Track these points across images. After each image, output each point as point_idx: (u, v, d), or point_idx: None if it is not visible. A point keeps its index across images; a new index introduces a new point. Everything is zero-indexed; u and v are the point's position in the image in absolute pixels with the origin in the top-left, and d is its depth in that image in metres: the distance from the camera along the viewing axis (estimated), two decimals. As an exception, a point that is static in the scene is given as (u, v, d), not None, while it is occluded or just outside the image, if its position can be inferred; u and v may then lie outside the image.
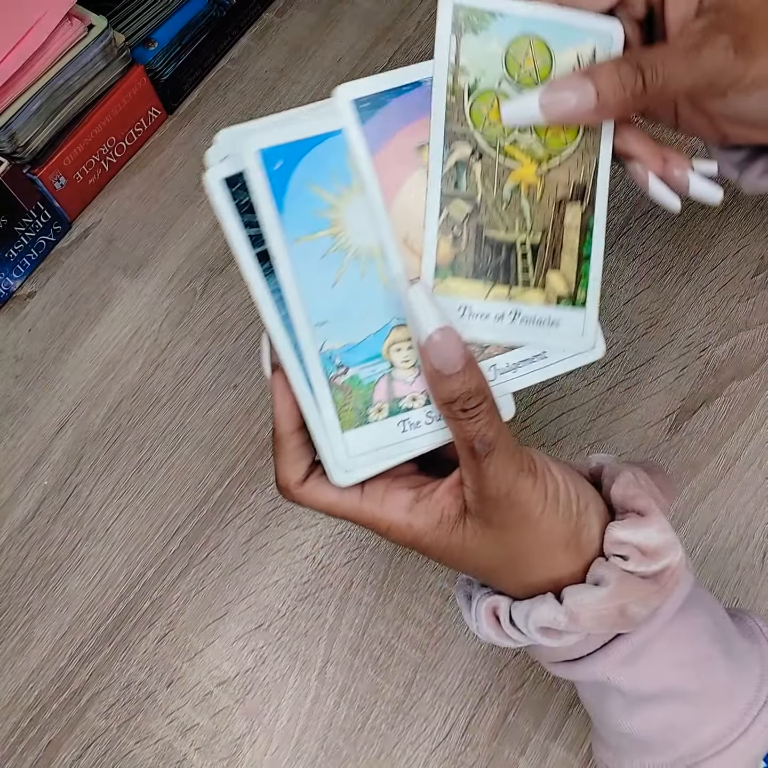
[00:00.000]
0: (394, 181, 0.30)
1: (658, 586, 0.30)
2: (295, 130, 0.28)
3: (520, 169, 0.31)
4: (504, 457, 0.28)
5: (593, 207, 0.32)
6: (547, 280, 0.32)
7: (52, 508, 0.54)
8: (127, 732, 0.48)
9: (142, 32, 0.64)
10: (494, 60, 0.30)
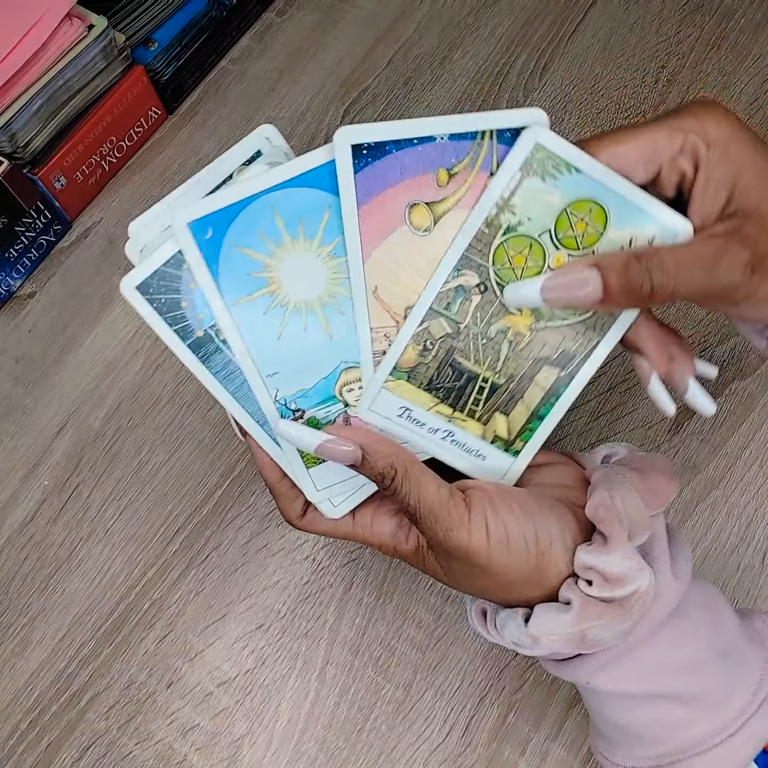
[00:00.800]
0: (376, 233, 0.30)
1: (623, 611, 0.30)
2: (221, 197, 0.29)
3: (516, 317, 0.31)
4: (430, 521, 0.30)
5: (570, 379, 0.32)
6: (493, 418, 0.32)
7: (52, 509, 0.53)
8: (127, 733, 0.47)
9: (142, 32, 0.64)
10: (548, 211, 0.29)
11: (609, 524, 0.30)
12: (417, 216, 0.29)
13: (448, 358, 0.31)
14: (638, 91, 0.63)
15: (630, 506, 0.31)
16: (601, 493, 0.31)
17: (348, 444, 0.30)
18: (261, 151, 0.31)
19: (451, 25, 0.68)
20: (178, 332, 0.30)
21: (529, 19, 0.68)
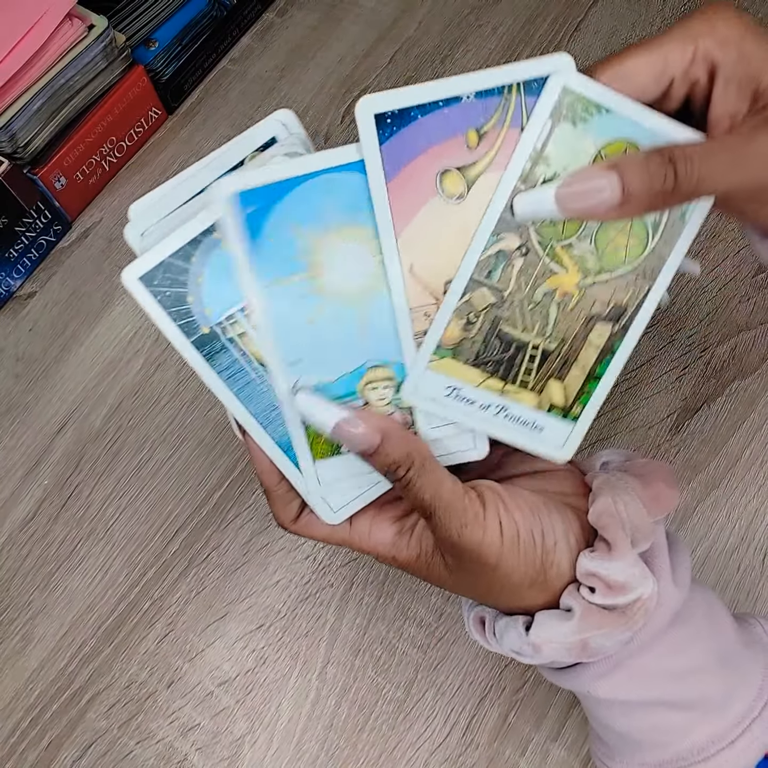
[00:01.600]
0: (408, 208, 0.28)
1: (625, 619, 0.29)
2: (273, 171, 0.27)
3: (563, 276, 0.29)
4: (446, 516, 0.29)
5: (625, 332, 0.30)
6: (547, 386, 0.31)
7: (52, 507, 0.54)
8: (128, 732, 0.48)
9: (142, 32, 0.64)
10: (582, 157, 0.28)
11: (612, 531, 0.30)
12: (449, 183, 0.28)
13: (494, 329, 0.30)
14: (639, 90, 0.63)
15: (633, 513, 0.30)
16: (604, 499, 0.31)
17: (367, 428, 0.28)
18: (276, 138, 0.30)
19: (453, 24, 0.68)
20: (183, 328, 0.29)
21: (530, 17, 0.68)
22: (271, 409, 0.31)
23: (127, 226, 0.29)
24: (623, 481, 0.32)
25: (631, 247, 0.29)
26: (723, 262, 0.56)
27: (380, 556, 0.33)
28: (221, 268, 0.29)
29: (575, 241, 0.29)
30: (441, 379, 0.30)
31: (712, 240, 0.57)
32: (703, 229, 0.57)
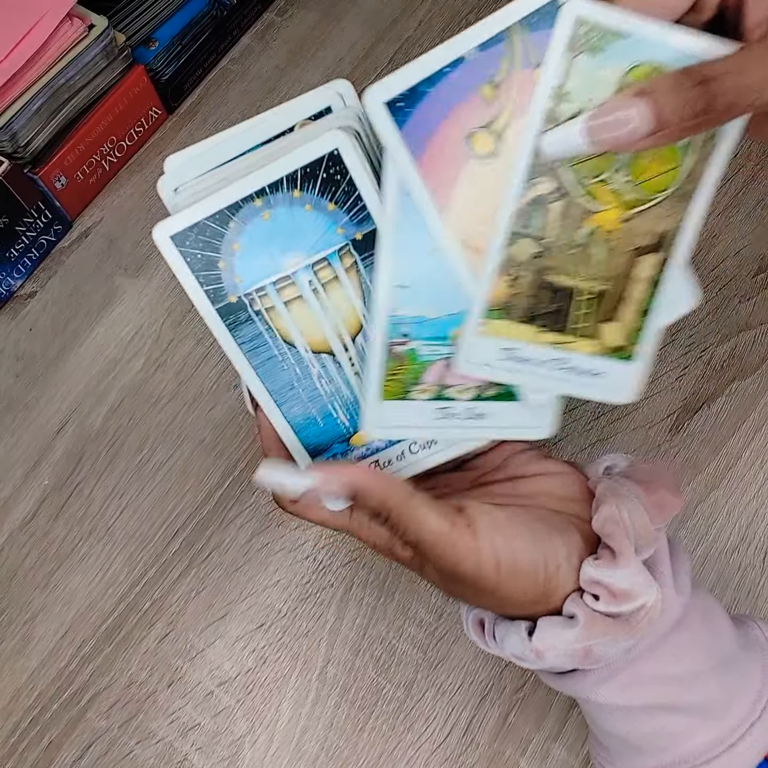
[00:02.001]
0: (446, 180, 0.27)
1: (629, 627, 0.29)
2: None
3: (603, 213, 0.28)
4: (434, 554, 0.29)
5: (669, 260, 0.29)
6: (601, 330, 0.30)
7: (52, 507, 0.53)
8: (128, 732, 0.47)
9: (142, 32, 0.64)
10: (605, 88, 0.26)
11: (617, 539, 0.30)
12: (478, 143, 0.27)
13: (541, 280, 0.29)
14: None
15: (637, 520, 0.30)
16: (608, 506, 0.30)
17: (336, 484, 0.28)
18: (332, 107, 0.29)
19: (453, 23, 0.68)
20: (209, 294, 0.28)
21: (530, 18, 0.68)
22: (288, 389, 0.30)
23: (161, 179, 0.28)
24: (626, 487, 0.32)
25: (667, 173, 0.28)
26: (723, 262, 0.56)
27: (377, 547, 0.32)
28: (259, 237, 0.27)
29: (609, 175, 0.28)
30: (493, 343, 0.29)
31: (712, 240, 0.57)
32: (703, 229, 0.57)
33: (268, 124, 0.29)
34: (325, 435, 0.32)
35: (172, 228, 0.27)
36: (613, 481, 0.33)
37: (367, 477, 0.28)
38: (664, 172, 0.28)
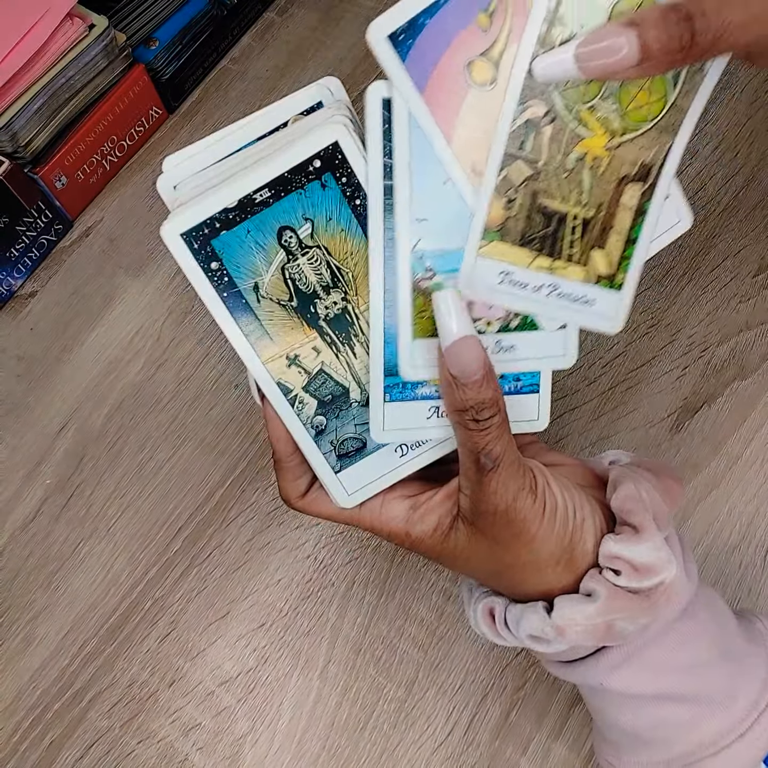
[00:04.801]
0: (450, 110, 0.27)
1: (649, 603, 0.29)
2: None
3: (591, 139, 0.29)
4: (507, 474, 0.28)
5: (653, 190, 0.30)
6: (591, 257, 0.31)
7: (54, 507, 0.54)
8: (129, 732, 0.48)
9: (143, 31, 0.64)
10: (597, 13, 0.27)
11: (639, 514, 0.30)
12: (477, 72, 0.28)
13: (535, 203, 0.29)
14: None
15: (654, 499, 0.31)
16: (627, 485, 0.31)
17: (467, 333, 0.28)
18: (322, 102, 0.30)
19: (452, 24, 0.68)
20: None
21: (530, 17, 0.68)
22: None
23: (160, 178, 0.29)
24: (638, 473, 0.32)
25: (653, 103, 0.29)
26: (723, 262, 0.56)
27: (392, 533, 0.32)
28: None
29: (598, 102, 0.28)
30: (493, 265, 0.29)
31: (712, 240, 0.57)
32: (703, 229, 0.57)
33: (262, 121, 0.29)
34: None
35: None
36: (624, 467, 0.33)
37: (492, 368, 0.29)
38: (650, 102, 0.29)
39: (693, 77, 0.29)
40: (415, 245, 0.29)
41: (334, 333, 0.30)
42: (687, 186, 0.59)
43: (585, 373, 0.53)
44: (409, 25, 0.26)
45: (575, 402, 0.52)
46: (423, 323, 0.30)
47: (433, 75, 0.27)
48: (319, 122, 0.28)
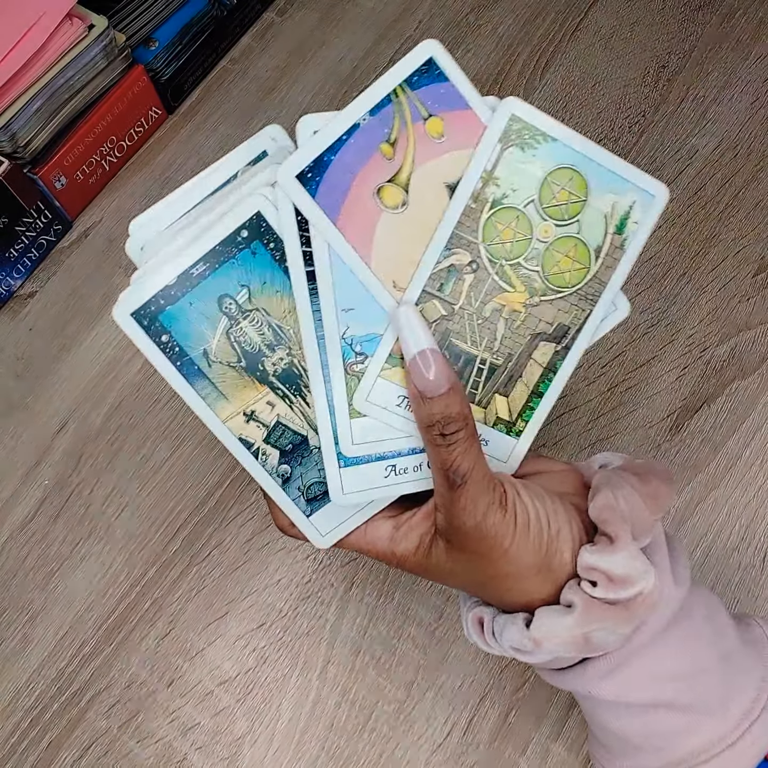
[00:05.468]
0: (365, 234, 0.29)
1: (628, 613, 0.29)
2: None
3: (511, 294, 0.31)
4: (476, 490, 0.29)
5: (567, 351, 0.32)
6: (493, 400, 0.32)
7: (53, 507, 0.53)
8: (128, 732, 0.47)
9: (142, 32, 0.64)
10: (530, 181, 0.30)
11: (614, 524, 0.30)
12: (387, 197, 0.29)
13: (445, 341, 0.31)
14: (639, 91, 0.63)
15: (633, 507, 0.30)
16: (604, 493, 0.31)
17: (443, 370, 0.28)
18: (267, 151, 0.31)
19: (453, 23, 0.68)
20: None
21: (530, 17, 0.68)
22: None
23: (128, 241, 0.31)
24: (622, 477, 0.32)
25: (575, 271, 0.31)
26: (723, 262, 0.56)
27: (379, 553, 0.32)
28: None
29: (523, 261, 0.30)
30: (393, 388, 0.31)
31: (711, 240, 0.57)
32: (703, 229, 0.57)
33: (214, 177, 0.31)
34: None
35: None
36: (609, 472, 0.33)
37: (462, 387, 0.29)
38: (572, 270, 0.31)
39: (614, 252, 0.31)
40: (344, 333, 0.30)
41: (285, 386, 0.31)
42: (687, 186, 0.59)
43: (584, 373, 0.53)
44: (315, 163, 0.28)
45: (575, 402, 0.52)
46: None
47: (345, 204, 0.29)
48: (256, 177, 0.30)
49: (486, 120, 0.29)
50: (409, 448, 0.32)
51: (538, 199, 0.30)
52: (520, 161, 0.29)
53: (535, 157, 0.29)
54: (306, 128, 0.29)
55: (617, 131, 0.62)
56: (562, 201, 0.30)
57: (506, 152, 0.29)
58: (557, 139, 0.29)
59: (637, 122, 0.62)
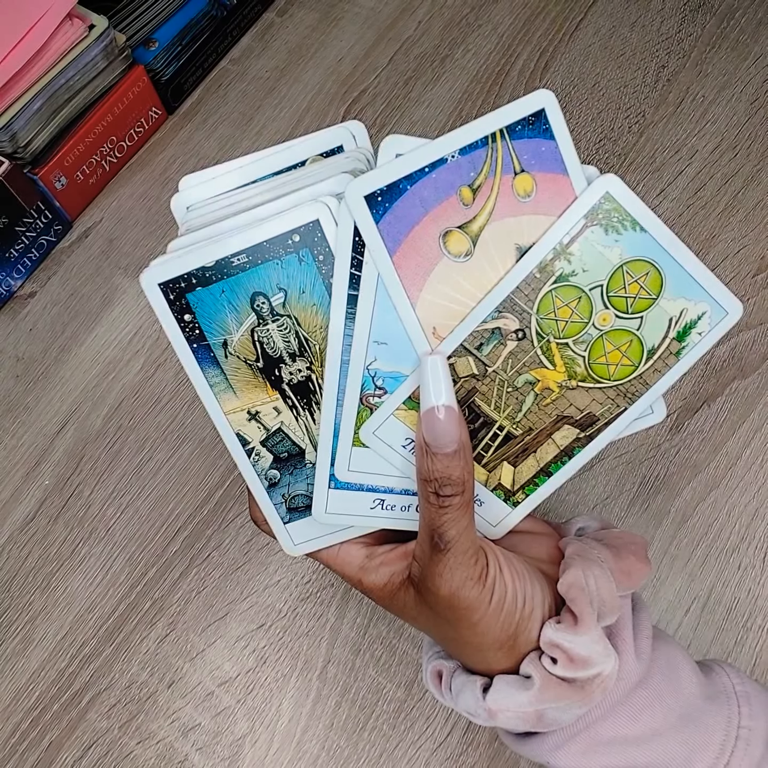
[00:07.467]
0: (419, 275, 0.28)
1: (583, 695, 0.29)
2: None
3: (549, 372, 0.29)
4: (456, 561, 0.28)
5: (589, 441, 0.31)
6: (500, 466, 0.31)
7: (53, 507, 0.53)
8: (129, 732, 0.48)
9: (142, 32, 0.64)
10: (604, 266, 0.28)
11: (580, 605, 0.29)
12: (453, 243, 0.28)
13: (468, 398, 0.30)
14: (639, 91, 0.63)
15: (602, 587, 0.30)
16: (575, 571, 0.30)
17: (457, 430, 0.27)
18: (343, 146, 0.30)
19: (453, 24, 0.68)
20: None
21: (530, 17, 0.68)
22: None
23: (174, 196, 0.29)
24: (596, 551, 0.31)
25: (622, 366, 0.30)
26: (723, 262, 0.56)
27: (346, 576, 0.32)
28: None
29: (572, 342, 0.29)
30: (402, 429, 0.30)
31: (711, 240, 0.57)
32: (703, 229, 0.57)
33: (281, 156, 0.30)
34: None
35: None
36: (584, 543, 0.32)
37: (471, 451, 0.29)
38: (620, 364, 0.30)
39: (667, 357, 0.30)
40: (370, 364, 0.29)
41: (296, 397, 0.31)
42: (687, 186, 0.59)
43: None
44: (388, 188, 0.27)
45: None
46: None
47: (408, 238, 0.27)
48: (328, 171, 0.29)
49: (578, 190, 0.27)
50: (402, 488, 0.31)
51: (606, 285, 0.28)
52: (600, 243, 0.28)
53: (617, 243, 0.28)
54: (389, 148, 0.27)
55: (617, 131, 0.62)
56: (631, 294, 0.28)
57: (588, 230, 0.28)
58: (646, 230, 0.28)
59: (637, 122, 0.62)
